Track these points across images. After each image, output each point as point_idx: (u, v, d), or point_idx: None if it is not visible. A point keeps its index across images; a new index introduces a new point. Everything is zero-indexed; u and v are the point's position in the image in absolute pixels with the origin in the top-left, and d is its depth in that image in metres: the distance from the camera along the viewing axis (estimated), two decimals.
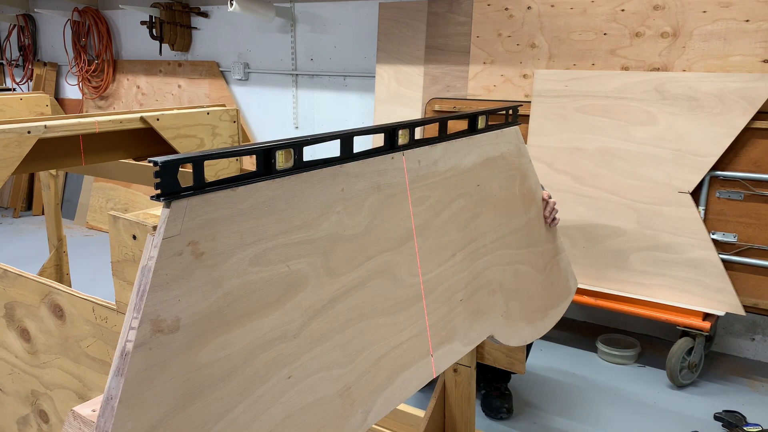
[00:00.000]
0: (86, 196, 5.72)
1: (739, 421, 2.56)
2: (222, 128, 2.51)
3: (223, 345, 0.85)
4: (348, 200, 1.06)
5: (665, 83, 2.98)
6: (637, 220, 3.06)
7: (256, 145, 0.93)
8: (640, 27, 3.12)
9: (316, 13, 4.37)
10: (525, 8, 3.46)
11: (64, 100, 6.21)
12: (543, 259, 1.69)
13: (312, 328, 0.98)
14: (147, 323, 0.76)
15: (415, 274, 1.20)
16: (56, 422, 1.59)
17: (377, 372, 1.10)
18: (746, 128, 2.82)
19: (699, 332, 2.84)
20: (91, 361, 1.43)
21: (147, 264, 0.78)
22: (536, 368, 3.04)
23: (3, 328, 1.62)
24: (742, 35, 2.89)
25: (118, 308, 1.33)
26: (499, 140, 1.51)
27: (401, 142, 1.20)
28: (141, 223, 1.22)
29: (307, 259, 0.98)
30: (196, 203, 0.83)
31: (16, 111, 2.86)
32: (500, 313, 1.47)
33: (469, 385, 1.92)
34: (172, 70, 5.22)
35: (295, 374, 0.95)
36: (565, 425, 2.63)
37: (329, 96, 4.46)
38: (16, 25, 6.32)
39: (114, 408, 0.74)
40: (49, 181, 2.96)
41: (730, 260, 2.93)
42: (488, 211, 1.45)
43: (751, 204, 2.88)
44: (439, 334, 1.25)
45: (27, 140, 1.88)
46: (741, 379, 2.97)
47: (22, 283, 1.52)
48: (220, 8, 4.85)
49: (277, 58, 4.64)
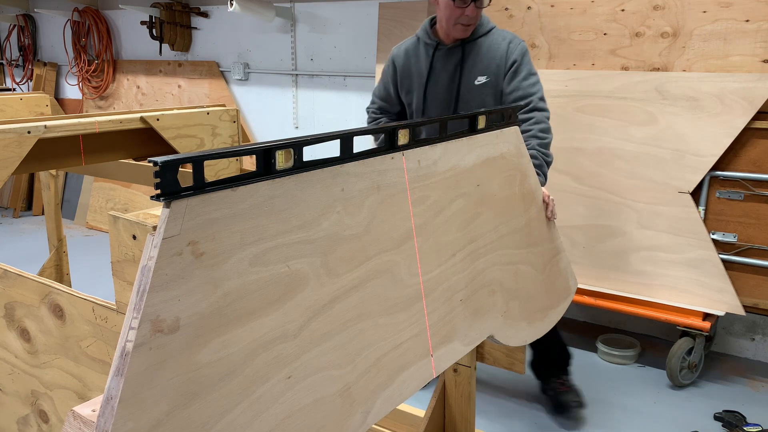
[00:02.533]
0: (86, 196, 5.72)
1: (739, 421, 2.56)
2: (222, 128, 2.51)
3: (223, 345, 0.85)
4: (348, 200, 1.07)
5: (665, 83, 2.98)
6: (637, 220, 3.06)
7: (256, 145, 0.93)
8: (640, 27, 3.12)
9: (316, 13, 4.37)
10: (525, 8, 3.46)
11: (64, 100, 6.21)
12: (543, 259, 1.69)
13: (312, 328, 0.98)
14: (147, 323, 0.76)
15: (415, 274, 1.20)
16: (56, 422, 1.59)
17: (377, 372, 1.10)
18: (746, 128, 2.82)
19: (699, 332, 2.84)
20: (91, 361, 1.43)
21: (147, 264, 0.78)
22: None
23: (3, 328, 1.62)
24: (742, 35, 2.89)
25: (118, 308, 1.33)
26: (499, 140, 1.51)
27: (401, 142, 1.20)
28: (141, 223, 1.22)
29: (307, 259, 0.98)
30: (196, 203, 0.83)
31: (16, 111, 2.86)
32: (500, 313, 1.47)
33: (469, 385, 1.92)
34: (172, 70, 5.22)
35: (295, 374, 0.95)
36: (565, 425, 2.63)
37: (329, 96, 4.46)
38: (16, 25, 6.32)
39: (114, 408, 0.74)
40: (49, 181, 2.96)
41: (730, 260, 2.93)
42: (488, 211, 1.45)
43: (751, 204, 2.89)
44: (439, 334, 1.25)
45: (27, 140, 1.88)
46: (741, 379, 2.97)
47: (22, 283, 1.52)
48: (220, 8, 4.85)
49: (277, 58, 4.64)
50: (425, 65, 2.37)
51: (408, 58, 2.41)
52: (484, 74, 2.30)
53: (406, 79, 2.42)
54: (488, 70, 2.30)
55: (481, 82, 2.30)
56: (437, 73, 2.36)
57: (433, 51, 2.35)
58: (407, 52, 2.42)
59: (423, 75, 2.37)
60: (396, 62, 2.44)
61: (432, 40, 2.35)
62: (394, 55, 2.46)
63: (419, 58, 2.39)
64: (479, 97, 2.32)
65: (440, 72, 2.36)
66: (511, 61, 2.28)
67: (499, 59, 2.29)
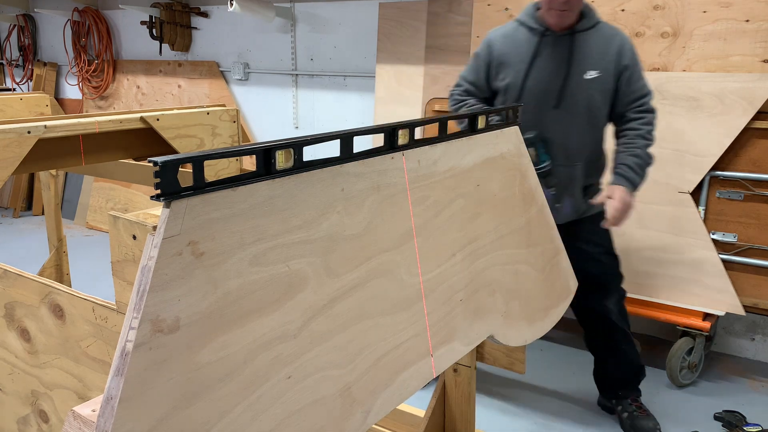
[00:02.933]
0: (86, 196, 5.72)
1: (739, 421, 2.56)
2: (222, 128, 2.51)
3: (223, 345, 0.85)
4: (348, 200, 1.07)
5: (665, 83, 2.98)
6: (637, 220, 3.06)
7: (256, 145, 0.93)
8: (640, 27, 3.12)
9: (316, 13, 4.37)
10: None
11: (64, 100, 6.21)
12: (543, 259, 1.69)
13: (312, 328, 0.98)
14: (147, 323, 0.76)
15: (415, 274, 1.20)
16: (56, 422, 1.59)
17: (377, 372, 1.10)
18: (746, 128, 2.82)
19: (699, 332, 2.84)
20: (91, 361, 1.43)
21: (147, 264, 0.78)
22: (536, 368, 3.04)
23: (3, 328, 1.62)
24: (742, 35, 2.89)
25: (118, 308, 1.33)
26: (499, 140, 1.51)
27: (401, 142, 1.20)
28: (141, 223, 1.22)
29: (307, 259, 0.98)
30: (196, 203, 0.83)
31: (16, 111, 2.86)
32: (500, 313, 1.47)
33: (469, 385, 1.92)
34: (172, 70, 5.22)
35: (295, 374, 0.95)
36: (566, 425, 2.63)
37: (329, 96, 4.46)
38: (16, 25, 6.31)
39: (114, 408, 0.74)
40: (49, 181, 2.96)
41: (730, 260, 2.93)
42: (488, 211, 1.45)
43: (751, 204, 2.88)
44: (439, 334, 1.25)
45: (27, 140, 1.88)
46: (741, 379, 2.98)
47: (22, 283, 1.52)
48: (220, 8, 4.85)
49: (277, 58, 4.64)
50: (528, 51, 2.27)
51: (507, 43, 2.31)
52: (596, 69, 2.23)
53: (502, 64, 2.32)
54: (599, 65, 2.23)
55: (591, 76, 2.23)
56: (542, 61, 2.26)
57: (540, 37, 2.26)
58: (505, 36, 2.32)
59: (524, 61, 2.27)
60: (492, 46, 2.33)
61: (539, 26, 2.26)
62: (490, 39, 2.35)
63: (520, 44, 2.29)
64: (587, 92, 2.25)
65: (546, 60, 2.26)
66: (625, 62, 2.24)
67: (611, 56, 2.23)
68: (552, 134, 2.30)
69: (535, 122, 2.28)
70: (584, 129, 2.33)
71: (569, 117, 2.30)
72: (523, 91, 2.28)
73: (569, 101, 2.27)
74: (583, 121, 2.31)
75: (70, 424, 0.88)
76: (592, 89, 2.26)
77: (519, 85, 2.28)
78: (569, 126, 2.31)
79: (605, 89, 2.27)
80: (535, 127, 2.28)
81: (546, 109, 2.30)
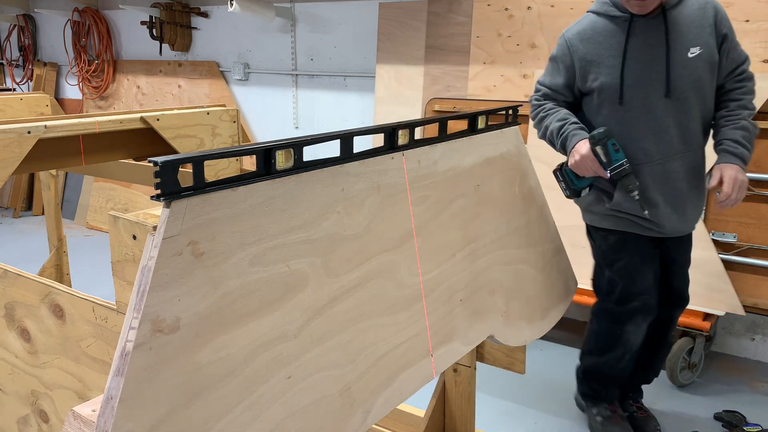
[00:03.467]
0: (86, 196, 5.72)
1: (739, 421, 2.56)
2: (222, 128, 2.51)
3: (223, 345, 0.85)
4: (348, 200, 1.07)
5: None
6: None
7: (256, 145, 0.93)
8: None
9: (316, 13, 4.37)
10: (525, 8, 3.46)
11: (64, 100, 6.21)
12: (543, 259, 1.69)
13: (312, 328, 0.98)
14: (147, 323, 0.76)
15: (415, 274, 1.20)
16: (56, 422, 1.59)
17: (377, 372, 1.10)
18: None
19: (699, 332, 2.83)
20: (91, 361, 1.43)
21: (147, 264, 0.78)
22: (536, 368, 3.04)
23: (3, 328, 1.62)
24: (742, 35, 2.88)
25: (118, 308, 1.33)
26: (499, 140, 1.51)
27: (401, 142, 1.20)
28: (141, 223, 1.22)
29: (307, 259, 0.98)
30: (196, 203, 0.83)
31: (16, 111, 2.86)
32: (500, 313, 1.47)
33: (469, 385, 1.92)
34: (172, 70, 5.22)
35: (295, 374, 0.95)
36: (566, 425, 2.63)
37: (329, 96, 4.46)
38: (16, 25, 6.32)
39: (114, 408, 0.74)
40: (49, 181, 2.96)
41: (730, 260, 2.93)
42: (488, 211, 1.45)
43: (751, 204, 2.88)
44: (439, 334, 1.25)
45: (27, 140, 1.88)
46: (741, 379, 2.97)
47: (22, 283, 1.52)
48: (220, 8, 4.85)
49: (277, 58, 4.64)
50: (617, 43, 2.06)
51: (588, 40, 2.09)
52: (697, 44, 2.03)
53: (590, 63, 2.10)
54: (699, 39, 2.03)
55: (694, 53, 2.02)
56: (636, 50, 2.04)
57: (627, 24, 2.05)
58: (584, 32, 2.10)
59: (616, 55, 2.05)
60: (573, 47, 2.11)
61: (623, 13, 2.05)
62: (568, 38, 2.13)
63: (604, 37, 2.08)
64: (695, 72, 2.04)
65: (640, 48, 2.04)
66: (724, 31, 2.05)
67: (709, 27, 2.04)
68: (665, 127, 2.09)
69: (646, 118, 2.08)
70: (698, 115, 2.12)
71: (682, 105, 2.08)
72: (623, 87, 2.06)
73: (679, 85, 2.05)
74: (697, 105, 2.10)
75: (70, 424, 0.88)
76: (700, 68, 2.05)
77: (617, 83, 2.06)
78: (683, 114, 2.09)
79: (712, 65, 2.06)
80: (646, 123, 2.08)
81: (655, 100, 2.06)
